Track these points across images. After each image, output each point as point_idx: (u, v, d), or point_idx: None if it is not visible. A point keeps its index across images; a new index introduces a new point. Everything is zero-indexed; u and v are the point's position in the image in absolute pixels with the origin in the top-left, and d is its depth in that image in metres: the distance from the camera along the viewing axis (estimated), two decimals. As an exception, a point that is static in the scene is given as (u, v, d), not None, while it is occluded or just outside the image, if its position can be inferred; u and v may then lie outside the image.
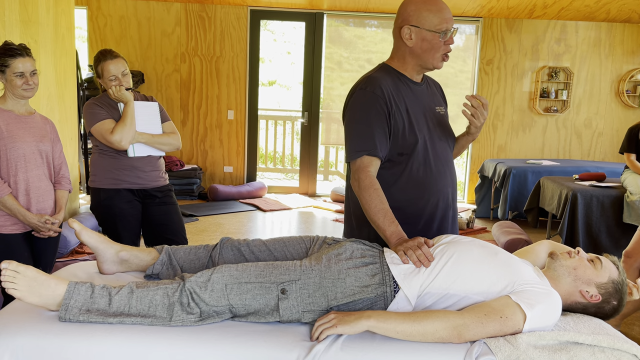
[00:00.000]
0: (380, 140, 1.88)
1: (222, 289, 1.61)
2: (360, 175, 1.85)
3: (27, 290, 1.58)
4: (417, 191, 1.95)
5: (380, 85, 1.90)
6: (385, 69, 1.99)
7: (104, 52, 2.80)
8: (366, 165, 1.86)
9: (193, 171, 6.63)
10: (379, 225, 1.80)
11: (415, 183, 1.94)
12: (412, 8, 1.89)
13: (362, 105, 1.90)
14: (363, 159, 1.87)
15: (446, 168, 2.02)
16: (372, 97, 1.89)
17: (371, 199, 1.82)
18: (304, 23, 6.88)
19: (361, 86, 1.93)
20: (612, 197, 4.47)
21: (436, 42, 1.88)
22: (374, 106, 1.88)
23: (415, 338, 1.51)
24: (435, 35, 1.87)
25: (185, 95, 6.87)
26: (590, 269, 1.71)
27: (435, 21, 1.86)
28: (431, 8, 1.87)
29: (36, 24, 4.32)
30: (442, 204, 2.00)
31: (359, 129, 1.89)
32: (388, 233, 1.78)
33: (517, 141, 7.00)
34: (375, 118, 1.87)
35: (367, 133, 1.87)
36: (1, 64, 2.44)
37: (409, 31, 1.90)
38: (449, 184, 2.03)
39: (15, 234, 2.53)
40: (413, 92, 1.98)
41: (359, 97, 1.92)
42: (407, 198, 1.95)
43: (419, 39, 1.89)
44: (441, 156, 2.00)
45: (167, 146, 2.94)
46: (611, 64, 6.87)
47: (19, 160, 2.50)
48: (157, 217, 2.97)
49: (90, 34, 6.70)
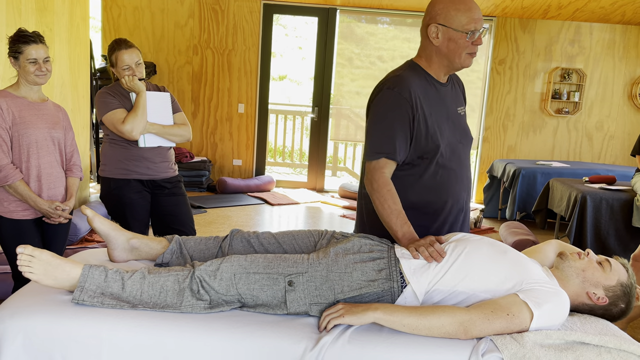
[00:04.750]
0: (400, 144, 1.85)
1: (230, 278, 1.62)
2: (375, 176, 1.85)
3: (42, 274, 1.61)
4: (433, 194, 1.94)
5: (409, 87, 1.85)
6: (413, 67, 1.94)
7: (118, 41, 2.82)
8: (382, 166, 1.85)
9: (202, 163, 6.65)
10: (391, 226, 1.80)
11: (431, 186, 1.93)
12: (440, 6, 1.83)
13: (388, 107, 1.87)
14: (380, 160, 1.86)
15: (463, 171, 2.01)
16: (398, 99, 1.84)
17: (385, 199, 1.81)
18: (317, 18, 6.87)
19: (389, 85, 1.88)
20: (621, 200, 4.44)
21: (463, 42, 1.82)
22: (399, 109, 1.84)
23: (422, 332, 1.51)
24: (462, 36, 1.81)
25: (197, 87, 6.89)
26: (599, 271, 1.71)
27: (464, 21, 1.80)
28: (460, 7, 1.80)
29: (52, 13, 4.35)
30: (455, 208, 2.00)
31: (381, 130, 1.87)
32: (400, 234, 1.78)
33: (528, 142, 6.96)
34: (399, 121, 1.84)
35: (389, 135, 1.85)
36: (15, 50, 2.46)
37: (435, 30, 1.84)
38: (464, 187, 2.02)
39: (26, 219, 2.55)
40: (439, 94, 1.94)
41: (385, 97, 1.88)
42: (423, 200, 1.94)
43: (445, 39, 1.84)
44: (459, 160, 1.99)
45: (178, 137, 2.95)
46: (625, 67, 6.81)
47: (31, 147, 2.52)
48: (166, 208, 2.98)
49: (104, 24, 6.73)
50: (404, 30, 7.05)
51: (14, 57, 2.47)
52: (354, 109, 7.28)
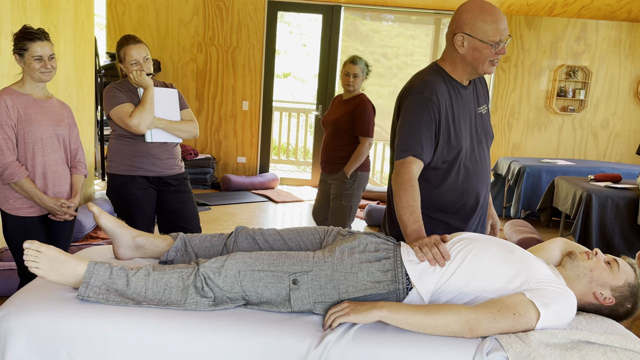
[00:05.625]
0: (427, 144, 1.92)
1: (235, 275, 1.62)
2: (402, 170, 1.90)
3: (48, 269, 1.62)
4: (454, 196, 2.01)
5: (437, 92, 1.93)
6: (438, 72, 2.00)
7: (127, 37, 2.83)
8: (410, 162, 1.90)
9: (206, 161, 6.66)
10: (403, 220, 1.83)
11: (453, 188, 2.00)
12: (468, 16, 1.88)
13: (418, 109, 1.93)
14: (407, 158, 1.91)
15: (483, 171, 2.07)
16: (428, 103, 1.92)
17: (405, 193, 1.85)
18: (321, 15, 6.86)
19: (419, 89, 1.95)
20: (627, 198, 4.43)
21: (487, 53, 1.89)
22: (428, 112, 1.92)
23: (427, 331, 1.51)
24: (488, 47, 1.87)
25: (201, 84, 6.89)
26: (606, 271, 1.70)
27: (490, 33, 1.86)
28: (487, 18, 1.85)
29: (56, 10, 4.35)
30: (476, 205, 2.06)
31: (409, 132, 1.93)
32: (409, 230, 1.80)
33: (532, 140, 6.94)
34: (427, 123, 1.91)
35: (416, 136, 1.92)
36: (20, 47, 2.46)
37: (461, 39, 1.90)
38: (484, 185, 2.08)
39: (32, 216, 2.56)
40: (462, 98, 2.01)
41: (416, 100, 1.94)
42: (444, 202, 2.01)
43: (470, 48, 1.90)
44: (480, 159, 2.05)
45: (185, 133, 2.96)
46: (631, 64, 6.78)
47: (36, 144, 2.52)
48: (171, 205, 2.98)
49: (109, 21, 6.74)
50: (408, 28, 7.03)
51: (19, 54, 2.47)
52: (359, 106, 7.26)
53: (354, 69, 3.68)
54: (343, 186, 3.69)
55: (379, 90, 7.21)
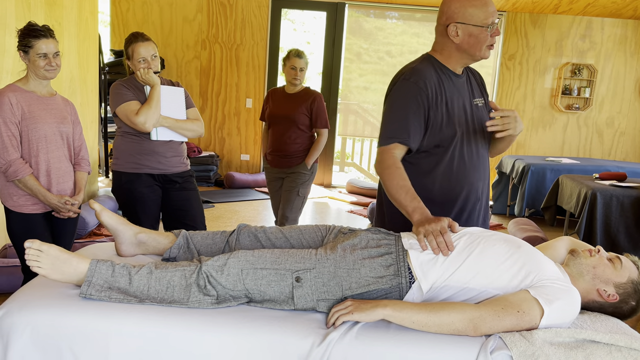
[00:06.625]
0: (414, 131, 1.91)
1: (237, 274, 1.62)
2: (384, 156, 1.90)
3: (50, 268, 1.62)
4: (449, 183, 1.98)
5: (425, 78, 1.93)
6: (428, 59, 2.01)
7: (135, 34, 2.84)
8: (392, 148, 1.91)
9: (210, 158, 6.67)
10: (400, 202, 1.82)
11: (448, 175, 1.98)
12: (456, 5, 1.90)
13: (403, 96, 1.93)
14: (391, 145, 1.91)
15: (479, 161, 2.05)
16: (414, 89, 1.92)
17: (393, 177, 1.84)
18: (325, 13, 6.85)
19: (405, 76, 1.96)
20: (632, 197, 4.41)
21: (483, 36, 1.90)
22: (415, 98, 1.91)
23: (431, 329, 1.51)
24: (482, 30, 1.89)
25: (205, 82, 6.89)
26: (609, 268, 1.69)
27: (482, 16, 1.88)
28: (475, 3, 1.88)
29: (60, 7, 4.35)
30: (472, 197, 2.03)
31: (395, 118, 1.93)
32: (410, 209, 1.77)
33: (537, 138, 6.92)
34: (414, 109, 1.91)
35: (402, 123, 1.91)
36: (25, 44, 2.46)
37: (455, 28, 1.91)
38: (480, 177, 2.06)
39: (36, 213, 2.57)
40: (455, 85, 2.00)
41: (401, 87, 1.95)
42: (439, 189, 1.98)
43: (465, 35, 1.91)
44: (475, 149, 2.03)
45: (190, 132, 2.96)
46: (636, 63, 6.74)
47: (40, 141, 2.53)
48: (176, 203, 2.99)
49: (113, 18, 6.74)
50: (412, 25, 7.01)
51: (24, 51, 2.47)
52: (362, 104, 7.26)
53: (300, 63, 3.69)
54: (301, 178, 3.75)
55: (383, 88, 7.20)
